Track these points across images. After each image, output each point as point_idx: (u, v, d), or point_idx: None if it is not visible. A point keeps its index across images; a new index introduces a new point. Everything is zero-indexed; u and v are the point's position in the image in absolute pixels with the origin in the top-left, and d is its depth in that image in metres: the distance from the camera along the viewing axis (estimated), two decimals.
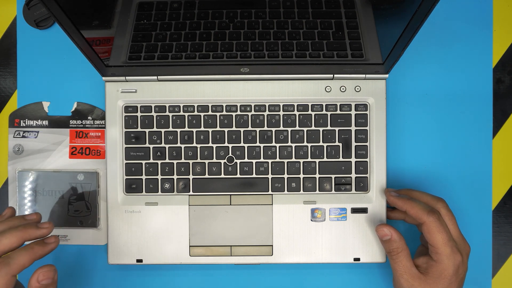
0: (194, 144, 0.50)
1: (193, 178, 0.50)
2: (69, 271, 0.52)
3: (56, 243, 0.41)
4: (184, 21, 0.42)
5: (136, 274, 0.52)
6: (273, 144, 0.50)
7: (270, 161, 0.50)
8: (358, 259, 0.49)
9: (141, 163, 0.50)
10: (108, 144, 0.50)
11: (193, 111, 0.50)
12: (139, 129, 0.50)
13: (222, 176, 0.50)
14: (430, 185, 0.52)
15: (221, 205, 0.50)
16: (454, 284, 0.43)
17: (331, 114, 0.50)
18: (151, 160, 0.50)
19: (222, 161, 0.50)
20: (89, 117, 0.52)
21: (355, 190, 0.50)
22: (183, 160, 0.50)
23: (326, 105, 0.50)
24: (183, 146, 0.50)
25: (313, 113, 0.50)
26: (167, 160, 0.50)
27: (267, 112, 0.50)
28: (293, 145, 0.50)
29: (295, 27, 0.43)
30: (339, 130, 0.50)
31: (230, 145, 0.50)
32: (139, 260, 0.49)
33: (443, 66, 0.53)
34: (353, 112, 0.50)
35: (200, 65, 0.47)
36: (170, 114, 0.50)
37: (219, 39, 0.44)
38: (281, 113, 0.50)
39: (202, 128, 0.50)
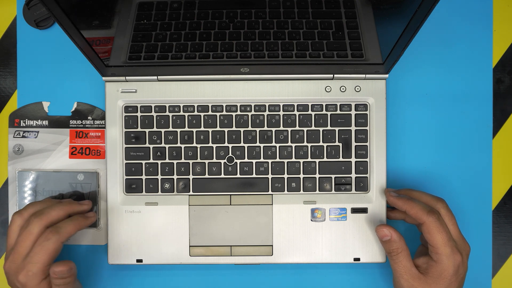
0: (194, 144, 0.50)
1: (193, 178, 0.50)
2: None
3: (95, 217, 0.48)
4: (184, 21, 0.42)
5: (136, 274, 0.52)
6: (273, 144, 0.50)
7: (270, 161, 0.50)
8: (358, 259, 0.49)
9: (141, 163, 0.50)
10: (108, 144, 0.50)
11: (193, 111, 0.50)
12: (139, 129, 0.50)
13: (222, 176, 0.50)
14: (430, 185, 0.52)
15: (221, 205, 0.50)
16: (454, 284, 0.43)
17: (331, 114, 0.50)
18: (151, 160, 0.50)
19: (222, 161, 0.50)
20: (89, 117, 0.52)
21: (355, 190, 0.50)
22: (183, 160, 0.50)
23: (326, 105, 0.50)
24: (183, 146, 0.50)
25: (313, 113, 0.50)
26: (167, 160, 0.50)
27: (267, 112, 0.50)
28: (293, 145, 0.50)
29: (295, 27, 0.43)
30: (339, 130, 0.50)
31: (230, 145, 0.50)
32: (139, 260, 0.49)
33: (443, 66, 0.53)
34: (353, 112, 0.50)
35: (200, 65, 0.47)
36: (170, 114, 0.50)
37: (219, 39, 0.44)
38: (281, 113, 0.50)
39: (202, 128, 0.50)
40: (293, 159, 0.50)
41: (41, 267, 0.42)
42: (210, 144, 0.50)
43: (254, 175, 0.50)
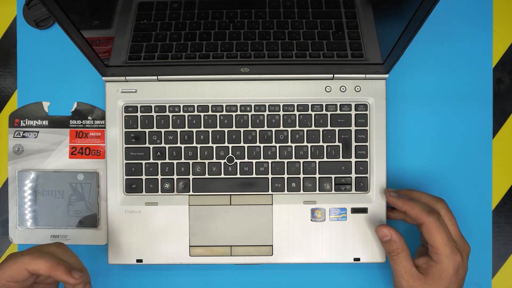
0: (194, 144, 0.50)
1: (193, 178, 0.50)
2: None
3: (77, 281, 0.40)
4: (184, 21, 0.42)
5: (136, 274, 0.52)
6: (273, 144, 0.50)
7: (270, 161, 0.50)
8: (358, 259, 0.49)
9: (141, 163, 0.50)
10: (108, 144, 0.50)
11: (193, 111, 0.50)
12: (139, 129, 0.50)
13: (222, 176, 0.50)
14: (430, 185, 0.52)
15: (221, 205, 0.50)
16: (454, 284, 0.43)
17: (331, 114, 0.50)
18: (151, 160, 0.50)
19: (222, 161, 0.50)
20: (89, 117, 0.52)
21: (355, 190, 0.50)
22: (183, 160, 0.50)
23: (326, 105, 0.50)
24: (183, 146, 0.50)
25: (313, 113, 0.50)
26: (167, 160, 0.50)
27: (267, 112, 0.50)
28: (293, 145, 0.50)
29: (295, 27, 0.43)
30: (339, 130, 0.50)
31: (230, 145, 0.50)
32: (139, 260, 0.49)
33: (443, 66, 0.53)
34: (353, 112, 0.50)
35: (200, 65, 0.47)
36: (170, 114, 0.50)
37: (219, 39, 0.44)
38: (281, 113, 0.50)
39: (202, 128, 0.50)
40: (293, 159, 0.50)
41: None
42: (210, 144, 0.50)
43: (254, 175, 0.50)
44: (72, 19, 0.39)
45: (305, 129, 0.50)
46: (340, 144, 0.50)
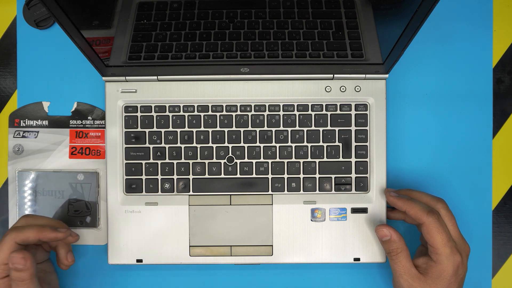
0: (194, 144, 0.50)
1: (193, 178, 0.50)
2: (69, 271, 0.52)
3: (65, 234, 0.45)
4: (184, 21, 0.42)
5: (136, 274, 0.52)
6: (273, 144, 0.50)
7: (270, 161, 0.50)
8: (358, 259, 0.49)
9: (141, 163, 0.50)
10: (108, 144, 0.50)
11: (193, 111, 0.50)
12: (139, 129, 0.50)
13: (222, 176, 0.50)
14: (430, 185, 0.52)
15: (221, 205, 0.50)
16: (453, 284, 0.43)
17: (331, 114, 0.50)
18: (151, 160, 0.50)
19: (222, 161, 0.50)
20: (89, 117, 0.52)
21: (355, 190, 0.50)
22: (183, 160, 0.50)
23: (326, 105, 0.50)
24: (183, 146, 0.50)
25: (313, 113, 0.50)
26: (167, 160, 0.50)
27: (267, 112, 0.50)
28: (293, 145, 0.50)
29: (295, 27, 0.43)
30: (339, 130, 0.50)
31: (230, 145, 0.50)
32: (139, 260, 0.49)
33: (443, 66, 0.53)
34: (353, 112, 0.50)
35: (200, 65, 0.47)
36: (170, 114, 0.50)
37: (219, 39, 0.44)
38: (281, 113, 0.50)
39: (202, 128, 0.50)
40: (293, 159, 0.50)
41: None
42: (210, 144, 0.50)
43: (254, 175, 0.50)
44: (72, 19, 0.39)
45: (305, 129, 0.50)
46: (340, 144, 0.50)
